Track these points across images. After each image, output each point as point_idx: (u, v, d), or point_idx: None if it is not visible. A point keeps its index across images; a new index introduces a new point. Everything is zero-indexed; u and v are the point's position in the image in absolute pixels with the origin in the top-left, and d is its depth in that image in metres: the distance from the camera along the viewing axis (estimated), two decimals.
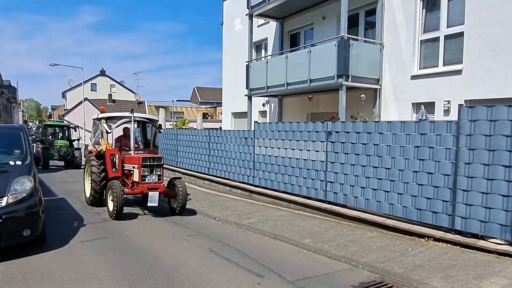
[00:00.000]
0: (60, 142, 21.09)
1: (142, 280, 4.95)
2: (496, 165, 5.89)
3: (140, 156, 8.68)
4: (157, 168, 8.77)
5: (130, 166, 9.04)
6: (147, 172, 8.60)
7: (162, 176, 8.86)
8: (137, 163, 8.66)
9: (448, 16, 10.15)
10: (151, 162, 8.69)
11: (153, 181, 8.66)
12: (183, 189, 8.86)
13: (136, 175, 8.69)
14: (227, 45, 20.40)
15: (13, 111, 54.36)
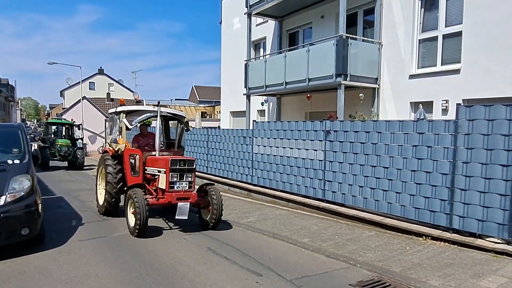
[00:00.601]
0: (61, 141, 19.86)
1: (140, 278, 4.95)
2: (494, 164, 5.91)
3: (168, 158, 7.08)
4: (188, 173, 7.19)
5: (154, 170, 7.56)
6: (176, 177, 7.04)
7: (193, 183, 7.31)
8: (164, 167, 7.14)
9: (446, 16, 10.17)
10: (182, 165, 7.11)
11: (183, 189, 7.12)
12: (218, 198, 7.32)
13: (162, 181, 7.19)
14: (225, 44, 20.38)
15: (11, 109, 54.21)
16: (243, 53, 16.15)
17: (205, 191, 7.57)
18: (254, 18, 16.15)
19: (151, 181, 7.80)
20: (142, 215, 6.53)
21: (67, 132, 21.33)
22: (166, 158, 7.20)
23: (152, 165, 7.67)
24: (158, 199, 7.20)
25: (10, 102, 53.40)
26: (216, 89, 48.27)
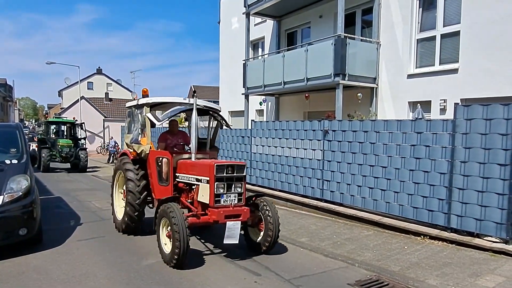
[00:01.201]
0: (63, 141, 18.52)
1: (139, 278, 4.95)
2: (492, 164, 5.93)
3: (212, 164, 5.48)
4: (238, 182, 5.61)
5: (190, 178, 6.07)
6: (222, 188, 5.48)
7: (244, 195, 5.71)
8: (206, 175, 5.57)
9: (444, 15, 10.18)
10: (229, 172, 5.53)
11: (231, 202, 5.54)
12: (274, 215, 5.77)
13: (204, 193, 5.63)
14: (224, 44, 20.37)
15: (9, 109, 54.10)
16: (241, 53, 16.14)
17: (254, 204, 5.98)
18: (253, 17, 16.14)
19: (183, 192, 6.34)
20: (182, 241, 4.98)
21: (68, 131, 20.04)
22: (209, 163, 5.58)
23: (187, 172, 6.18)
24: (199, 217, 5.58)
25: (8, 102, 53.29)
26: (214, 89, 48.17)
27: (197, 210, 5.78)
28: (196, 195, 5.87)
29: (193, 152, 6.26)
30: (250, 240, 6.11)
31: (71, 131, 19.98)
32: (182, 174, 6.32)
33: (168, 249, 5.36)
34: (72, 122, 20.38)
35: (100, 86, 47.49)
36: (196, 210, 5.78)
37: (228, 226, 5.34)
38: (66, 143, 18.48)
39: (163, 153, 6.55)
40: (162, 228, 5.58)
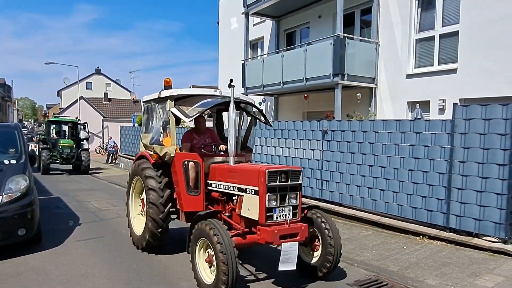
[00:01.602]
0: (64, 141, 17.62)
1: (138, 279, 4.94)
2: (490, 164, 5.93)
3: (263, 169, 4.41)
4: (292, 193, 4.56)
5: (229, 186, 4.98)
6: (275, 201, 4.42)
7: (299, 208, 4.66)
8: (254, 183, 4.51)
9: (443, 15, 10.19)
10: (283, 180, 4.49)
11: (286, 218, 4.49)
12: (334, 231, 4.78)
13: (250, 206, 4.56)
14: (223, 44, 20.36)
15: (8, 109, 54.02)
16: (240, 52, 16.13)
17: (307, 218, 4.88)
18: (252, 17, 16.15)
19: (218, 203, 5.32)
20: (231, 268, 4.01)
21: (70, 131, 19.19)
22: (258, 169, 4.49)
23: (224, 179, 5.11)
24: (244, 236, 4.57)
25: (7, 102, 53.22)
26: None
27: (240, 228, 4.69)
28: (238, 209, 4.78)
29: (232, 155, 5.08)
30: (301, 262, 4.92)
31: (73, 131, 19.11)
32: (217, 182, 5.22)
33: (209, 278, 4.35)
34: (74, 122, 19.44)
35: (99, 86, 47.43)
36: (239, 228, 4.69)
37: (284, 249, 4.30)
38: (67, 143, 17.57)
39: (192, 155, 5.44)
40: (199, 251, 4.53)
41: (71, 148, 17.45)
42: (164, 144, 5.70)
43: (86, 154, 17.77)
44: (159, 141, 5.93)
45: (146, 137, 6.27)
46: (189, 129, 6.55)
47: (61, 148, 17.24)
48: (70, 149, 17.37)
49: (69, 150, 17.32)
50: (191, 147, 5.85)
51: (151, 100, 6.24)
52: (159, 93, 5.83)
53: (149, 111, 6.44)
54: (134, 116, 22.80)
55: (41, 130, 31.55)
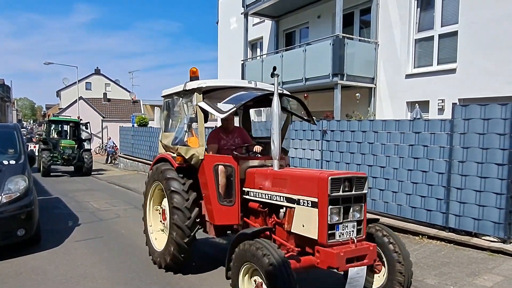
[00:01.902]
0: (65, 142, 17.02)
1: (137, 279, 4.94)
2: (490, 163, 5.94)
3: (325, 176, 3.62)
4: (357, 205, 3.79)
5: (275, 196, 4.18)
6: (338, 215, 3.65)
7: (364, 223, 3.86)
8: (312, 193, 3.73)
9: (442, 15, 10.21)
10: (347, 190, 3.71)
11: (351, 236, 3.72)
12: (403, 250, 3.94)
13: (307, 222, 3.77)
14: (222, 44, 20.37)
15: (7, 110, 53.98)
16: (240, 53, 16.13)
17: (371, 235, 4.02)
18: (251, 18, 16.15)
19: (257, 215, 4.55)
20: None
21: (72, 131, 18.50)
22: (316, 176, 3.71)
23: (265, 187, 4.33)
24: (299, 259, 3.74)
25: (6, 102, 53.18)
26: None
27: (290, 247, 3.88)
28: (287, 223, 3.98)
29: (277, 158, 4.26)
30: None
31: (75, 131, 18.38)
32: (256, 190, 4.43)
33: None
34: (76, 122, 18.62)
35: (98, 86, 47.42)
36: (291, 247, 3.89)
37: (351, 276, 3.53)
38: (68, 143, 16.94)
39: (225, 158, 4.65)
40: (243, 278, 3.68)
41: (72, 149, 16.82)
42: (190, 144, 4.99)
43: (88, 155, 17.17)
44: (183, 142, 5.19)
45: (167, 137, 5.48)
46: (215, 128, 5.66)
47: (62, 148, 16.62)
48: (71, 150, 16.76)
49: (70, 151, 16.70)
50: (218, 148, 5.07)
51: (173, 94, 5.42)
52: (184, 85, 5.03)
53: (169, 107, 5.64)
54: (133, 116, 22.80)
55: (41, 130, 31.35)
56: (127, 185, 13.83)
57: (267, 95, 4.73)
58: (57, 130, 19.01)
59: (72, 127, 18.54)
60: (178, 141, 5.24)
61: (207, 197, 4.68)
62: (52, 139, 17.78)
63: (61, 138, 17.95)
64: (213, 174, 4.59)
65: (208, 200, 4.64)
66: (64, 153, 16.58)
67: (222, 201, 4.58)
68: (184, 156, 4.88)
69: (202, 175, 4.72)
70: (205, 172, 4.62)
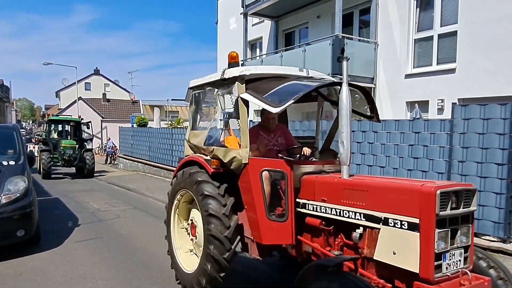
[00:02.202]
0: (65, 142, 16.28)
1: (137, 279, 4.93)
2: (489, 163, 5.94)
3: (431, 190, 2.75)
4: (464, 226, 3.02)
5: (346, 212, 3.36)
6: (444, 242, 2.80)
7: (471, 250, 3.08)
8: (411, 211, 2.84)
9: (441, 15, 10.21)
10: (454, 207, 2.86)
11: (459, 267, 2.92)
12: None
13: (401, 249, 2.87)
14: (222, 44, 20.36)
15: (6, 110, 53.89)
16: (239, 53, 16.11)
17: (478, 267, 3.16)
18: (250, 18, 16.15)
19: (317, 234, 3.68)
20: None
21: (73, 131, 17.73)
22: (417, 188, 2.87)
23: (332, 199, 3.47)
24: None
25: (5, 103, 53.10)
26: None
27: (380, 283, 3.01)
28: (367, 248, 3.17)
29: (347, 163, 3.44)
30: None
31: (76, 131, 17.61)
32: (318, 203, 3.58)
33: None
34: (77, 121, 17.80)
35: (97, 86, 47.39)
36: (379, 283, 3.01)
37: None
38: (69, 144, 16.15)
39: (275, 163, 3.78)
40: None
41: (73, 149, 16.02)
42: (229, 145, 4.32)
43: (90, 156, 16.37)
44: (220, 142, 4.51)
45: (197, 136, 4.62)
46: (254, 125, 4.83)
47: (62, 149, 15.84)
48: (72, 150, 15.96)
49: (71, 151, 15.90)
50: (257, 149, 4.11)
51: (205, 85, 4.54)
52: (223, 72, 4.14)
53: (199, 100, 4.81)
54: (132, 116, 22.79)
55: (40, 131, 31.20)
56: (126, 185, 13.82)
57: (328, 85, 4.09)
58: (57, 130, 18.19)
59: (73, 126, 17.80)
60: (213, 141, 4.42)
61: (251, 209, 3.79)
62: (52, 139, 17.09)
63: (61, 138, 17.19)
64: (260, 181, 3.70)
65: (253, 213, 3.76)
66: (64, 153, 15.79)
67: (271, 215, 3.73)
68: (222, 160, 3.99)
69: (245, 182, 3.83)
70: (250, 179, 3.74)
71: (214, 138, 4.49)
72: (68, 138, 17.21)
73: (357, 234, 3.23)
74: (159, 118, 22.20)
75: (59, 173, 16.84)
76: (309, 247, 3.71)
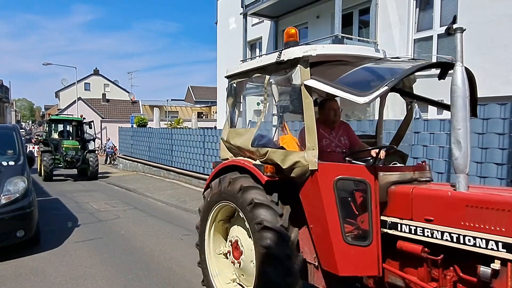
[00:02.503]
0: (67, 142, 15.58)
1: (137, 280, 4.93)
2: (489, 163, 5.95)
3: None
4: None
5: (468, 238, 2.44)
6: None
7: None
8: None
9: (441, 15, 10.22)
10: None
11: None
12: None
13: None
14: (221, 44, 20.37)
15: (5, 111, 53.86)
16: (239, 53, 16.13)
17: None
18: (250, 18, 16.15)
19: (415, 264, 2.81)
20: None
21: (75, 131, 16.98)
22: None
23: (439, 219, 2.65)
24: None
25: (5, 103, 53.08)
26: (212, 89, 48.16)
27: None
28: None
29: (465, 171, 2.74)
30: None
31: (78, 131, 16.97)
32: (419, 223, 2.75)
33: None
34: (79, 120, 17.25)
35: (97, 87, 47.39)
36: None
37: None
38: (71, 144, 15.45)
39: (354, 169, 2.98)
40: None
41: (76, 150, 15.31)
42: (287, 147, 3.57)
43: (94, 157, 15.69)
44: (274, 142, 3.81)
45: (240, 135, 3.73)
46: None
47: (64, 150, 15.11)
48: (75, 151, 15.26)
49: (73, 152, 15.18)
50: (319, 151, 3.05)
51: (251, 71, 3.69)
52: (280, 53, 3.25)
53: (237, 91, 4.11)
54: (132, 116, 22.79)
55: (40, 131, 31.09)
56: (126, 185, 13.81)
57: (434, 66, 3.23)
58: (58, 130, 17.38)
59: (75, 126, 17.02)
60: (266, 141, 3.61)
61: (320, 228, 3.00)
62: (53, 140, 16.37)
63: (63, 138, 16.48)
64: (333, 194, 2.88)
65: (323, 234, 2.95)
66: (67, 155, 15.05)
67: (348, 238, 2.90)
68: (281, 165, 3.17)
69: (311, 194, 3.02)
70: (320, 191, 2.91)
71: (267, 138, 3.69)
72: (70, 139, 16.46)
73: (488, 269, 2.34)
74: (159, 118, 22.21)
75: (60, 175, 16.40)
76: (399, 279, 2.83)
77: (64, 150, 15.14)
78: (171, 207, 10.00)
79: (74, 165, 15.35)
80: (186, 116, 39.62)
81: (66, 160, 15.08)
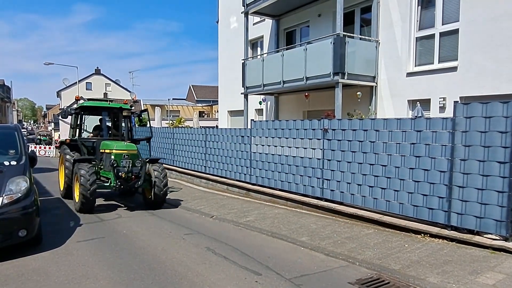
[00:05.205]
0: (119, 146, 9.28)
1: (139, 279, 4.94)
2: (491, 162, 5.92)
3: None
4: None
5: None
6: None
7: None
8: None
9: (443, 13, 10.18)
10: None
11: None
12: None
13: None
14: (223, 43, 20.35)
15: (7, 110, 53.99)
16: (240, 52, 16.12)
17: None
18: (251, 17, 16.13)
19: None
20: None
21: (117, 126, 11.03)
22: None
23: None
24: None
25: (6, 103, 53.20)
26: (213, 89, 48.21)
27: None
28: None
29: None
30: None
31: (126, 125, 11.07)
32: None
33: None
34: (127, 109, 10.78)
35: (98, 86, 47.47)
36: None
37: None
38: (126, 149, 9.25)
39: None
40: None
41: (133, 159, 9.13)
42: None
43: (161, 170, 9.38)
44: None
45: None
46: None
47: (115, 159, 8.91)
48: (131, 161, 8.99)
49: (129, 163, 8.91)
50: None
51: None
52: None
53: None
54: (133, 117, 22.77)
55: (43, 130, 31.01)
56: None
57: None
58: (94, 125, 11.11)
59: (118, 115, 10.86)
60: None
61: None
62: (85, 141, 10.39)
63: (103, 138, 10.38)
64: None
65: None
66: (119, 168, 8.84)
67: None
68: None
69: None
70: None
71: None
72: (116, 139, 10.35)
73: None
74: (160, 117, 22.21)
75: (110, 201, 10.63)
76: None
77: (114, 159, 8.92)
78: (172, 207, 10.01)
79: (132, 185, 9.05)
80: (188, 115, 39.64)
81: (119, 176, 8.83)
